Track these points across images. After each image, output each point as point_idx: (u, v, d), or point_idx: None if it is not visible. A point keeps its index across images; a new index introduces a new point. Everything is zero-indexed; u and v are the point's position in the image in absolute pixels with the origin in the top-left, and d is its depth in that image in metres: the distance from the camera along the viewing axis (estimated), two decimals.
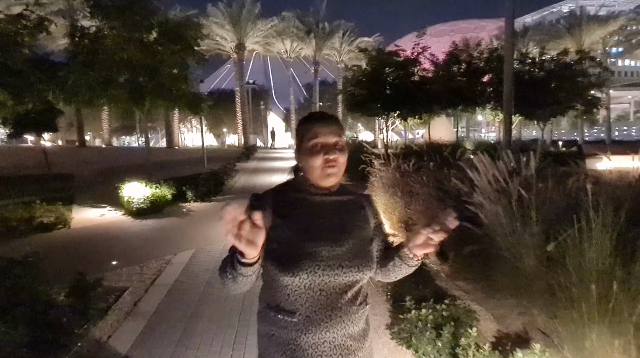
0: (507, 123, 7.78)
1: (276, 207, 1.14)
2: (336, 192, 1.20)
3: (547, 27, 37.50)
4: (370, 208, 1.25)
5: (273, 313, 1.09)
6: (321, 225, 1.12)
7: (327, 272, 1.05)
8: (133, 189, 8.19)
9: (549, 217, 3.10)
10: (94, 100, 8.93)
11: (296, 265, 1.04)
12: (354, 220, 1.18)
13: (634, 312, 2.16)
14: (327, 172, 1.12)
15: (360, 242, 1.14)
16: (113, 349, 3.01)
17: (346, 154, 1.16)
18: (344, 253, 1.09)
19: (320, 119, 1.18)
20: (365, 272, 1.11)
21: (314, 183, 1.17)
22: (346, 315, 1.07)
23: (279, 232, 1.10)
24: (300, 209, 1.15)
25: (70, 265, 4.50)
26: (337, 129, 1.15)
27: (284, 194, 1.19)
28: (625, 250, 2.30)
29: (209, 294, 3.98)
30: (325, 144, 1.12)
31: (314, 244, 1.07)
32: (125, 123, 48.34)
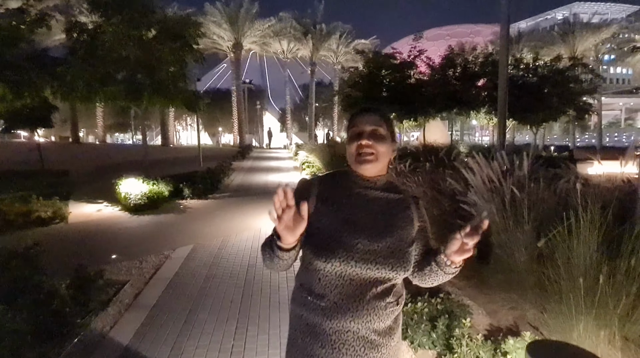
0: (501, 126, 7.95)
1: (321, 194, 1.16)
2: (383, 187, 1.20)
3: (541, 34, 38.03)
4: (417, 210, 1.22)
5: (305, 294, 1.12)
6: (363, 218, 1.13)
7: (360, 264, 1.06)
8: (130, 185, 8.22)
9: (540, 215, 3.23)
10: (92, 96, 8.94)
11: (331, 253, 1.06)
12: (396, 219, 1.16)
13: (618, 305, 2.29)
14: (361, 158, 1.13)
15: (400, 242, 1.13)
16: (115, 339, 3.07)
17: (387, 144, 1.16)
18: (381, 249, 1.09)
19: (362, 111, 1.20)
20: (398, 272, 1.10)
21: (359, 174, 1.17)
22: (373, 310, 1.08)
23: (320, 218, 1.12)
24: (344, 199, 1.16)
25: (69, 258, 4.55)
26: (376, 119, 1.17)
27: (331, 182, 1.21)
28: (611, 246, 2.43)
29: (209, 288, 4.05)
30: (361, 131, 1.14)
31: (352, 236, 1.08)
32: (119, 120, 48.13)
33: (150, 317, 3.42)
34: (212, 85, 56.54)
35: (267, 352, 2.85)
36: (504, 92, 7.80)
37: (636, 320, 2.29)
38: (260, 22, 33.41)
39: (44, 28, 7.77)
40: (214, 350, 2.87)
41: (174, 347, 2.93)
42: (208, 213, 8.03)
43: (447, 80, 17.38)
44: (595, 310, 2.35)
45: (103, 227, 6.72)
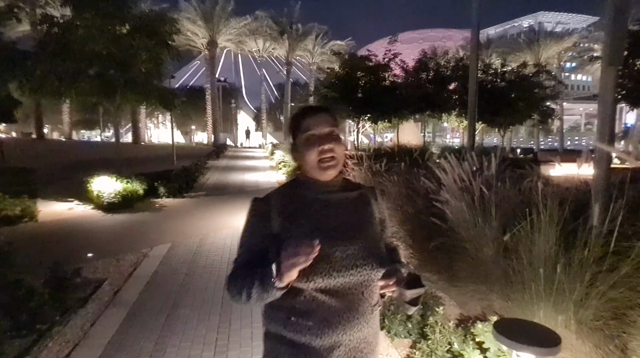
0: (471, 128, 8.30)
1: (283, 210, 1.08)
2: (341, 188, 1.16)
3: (509, 41, 39.60)
4: (376, 202, 1.20)
5: (285, 315, 1.04)
6: (332, 224, 1.08)
7: (342, 273, 1.02)
8: (103, 184, 8.05)
9: (506, 212, 3.48)
10: (62, 91, 8.67)
11: (310, 270, 0.98)
12: (363, 217, 1.14)
13: (573, 292, 2.53)
14: (325, 165, 1.07)
15: (372, 239, 1.11)
16: (97, 335, 3.08)
17: (343, 144, 1.12)
18: (357, 251, 1.05)
19: (311, 110, 1.13)
20: (379, 270, 1.06)
21: (315, 180, 1.11)
22: (362, 317, 1.04)
23: (289, 236, 1.03)
24: (308, 210, 1.09)
25: (42, 257, 4.45)
26: (329, 119, 1.11)
27: (289, 196, 1.13)
28: (567, 239, 2.68)
29: (189, 284, 4.09)
30: (319, 135, 1.08)
31: (327, 246, 1.00)
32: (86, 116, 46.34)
33: (132, 313, 3.44)
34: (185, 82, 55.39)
35: (251, 344, 2.94)
36: (474, 96, 8.16)
37: (589, 305, 2.54)
38: (236, 20, 33.13)
39: (13, 20, 7.48)
40: (198, 344, 2.94)
41: (157, 342, 2.97)
42: (185, 212, 7.98)
43: (421, 83, 17.91)
44: (553, 297, 2.59)
45: (76, 226, 6.57)
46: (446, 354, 2.55)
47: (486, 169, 3.87)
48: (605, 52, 3.18)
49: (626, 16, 3.10)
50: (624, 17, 3.05)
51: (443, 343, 2.65)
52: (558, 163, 5.08)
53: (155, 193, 9.15)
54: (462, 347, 2.47)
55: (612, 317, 2.43)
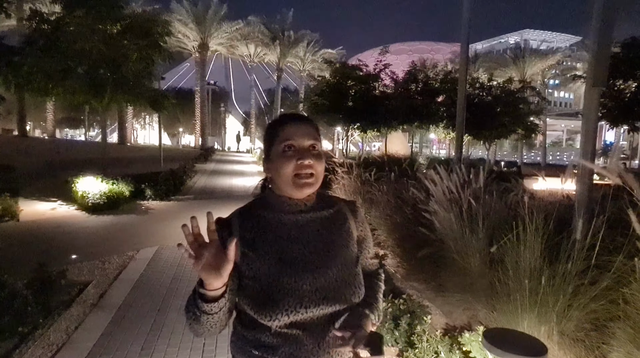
0: (459, 140, 8.48)
1: (244, 234, 0.95)
2: (314, 207, 1.01)
3: (496, 56, 40.62)
4: (355, 219, 1.07)
5: (250, 347, 0.93)
6: (299, 251, 0.94)
7: (310, 308, 0.90)
8: (88, 184, 7.93)
9: (493, 224, 3.57)
10: (50, 88, 8.53)
11: (274, 307, 0.88)
12: (338, 239, 1.01)
13: (556, 303, 2.61)
14: (301, 182, 0.94)
15: (346, 266, 0.98)
16: (82, 339, 3.03)
17: (323, 162, 0.99)
18: (329, 283, 0.93)
19: (293, 119, 1.00)
20: (353, 301, 0.95)
21: (286, 198, 0.98)
22: (332, 348, 0.93)
23: (250, 265, 0.93)
24: (272, 234, 0.96)
25: (23, 258, 4.38)
26: (312, 131, 0.98)
27: (252, 217, 0.99)
28: (551, 252, 2.77)
29: (177, 288, 4.05)
30: (299, 148, 0.95)
31: (293, 278, 0.90)
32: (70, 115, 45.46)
33: (118, 317, 3.39)
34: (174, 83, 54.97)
35: None
36: (462, 109, 8.35)
37: (571, 317, 2.62)
38: (228, 24, 33.16)
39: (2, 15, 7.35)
40: (186, 349, 2.92)
41: (144, 346, 2.94)
42: (172, 215, 7.89)
43: (410, 94, 18.17)
44: (537, 308, 2.67)
45: (59, 227, 6.44)
46: None
47: (474, 181, 3.97)
48: (589, 74, 3.32)
49: (610, 40, 3.25)
50: (607, 40, 3.20)
51: (430, 352, 2.69)
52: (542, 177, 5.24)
53: (142, 196, 9.04)
54: (448, 356, 2.52)
55: (593, 328, 2.51)
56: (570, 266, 2.60)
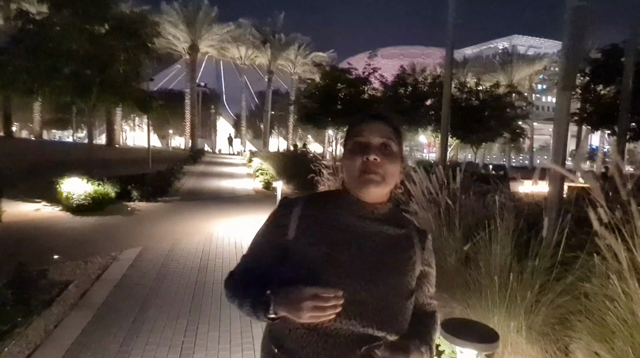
0: (443, 143, 8.63)
1: (303, 219, 0.94)
2: (384, 217, 0.96)
3: (484, 61, 41.21)
4: (421, 250, 1.00)
5: (272, 346, 0.92)
6: (351, 256, 0.89)
7: (340, 318, 0.84)
8: (73, 185, 7.86)
9: (469, 223, 3.67)
10: (35, 88, 8.47)
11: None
12: (395, 261, 0.93)
13: (524, 298, 2.71)
14: (365, 178, 0.90)
15: (396, 293, 0.91)
16: (60, 337, 3.04)
17: (398, 163, 0.95)
18: (370, 301, 0.87)
19: (368, 117, 0.97)
20: (389, 332, 0.88)
21: (355, 198, 0.95)
22: None
23: (299, 251, 0.91)
24: (331, 229, 0.92)
25: (5, 258, 4.35)
26: (388, 130, 0.95)
27: (318, 206, 0.97)
28: (521, 249, 2.87)
29: (159, 288, 4.07)
30: (368, 144, 0.92)
31: (336, 279, 0.86)
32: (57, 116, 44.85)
33: (98, 315, 3.41)
34: (164, 85, 54.64)
35: (217, 347, 2.97)
36: (447, 112, 8.50)
37: (538, 312, 2.72)
38: (218, 27, 33.16)
39: None
40: (164, 347, 2.95)
41: (122, 343, 2.96)
42: (157, 216, 7.88)
43: (398, 98, 18.37)
44: (506, 304, 2.76)
45: (43, 227, 6.39)
46: None
47: (452, 182, 4.07)
48: (560, 78, 3.45)
49: (580, 46, 3.38)
50: (578, 46, 3.33)
51: None
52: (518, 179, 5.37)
53: (128, 197, 8.99)
54: None
55: (558, 322, 2.61)
56: (538, 262, 2.70)
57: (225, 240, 6.13)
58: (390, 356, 0.81)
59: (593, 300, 2.16)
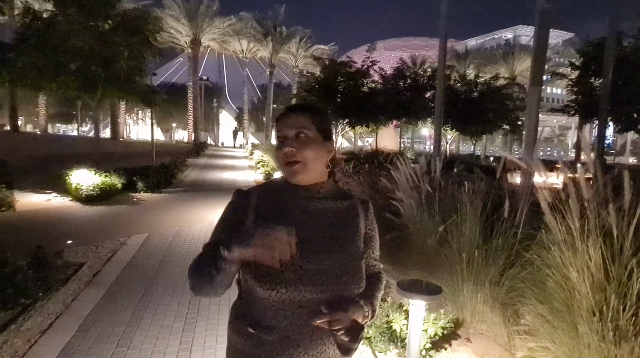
0: (437, 134, 8.91)
1: (259, 208, 1.03)
2: (327, 195, 1.07)
3: (486, 53, 41.07)
4: (365, 217, 1.11)
5: (246, 326, 0.98)
6: (308, 233, 0.99)
7: (309, 287, 0.93)
8: (81, 176, 8.24)
9: (447, 208, 3.99)
10: (43, 84, 8.82)
11: (276, 278, 0.93)
12: (345, 230, 1.05)
13: (488, 273, 3.04)
14: (288, 169, 1.01)
15: (351, 257, 1.02)
16: (78, 309, 3.41)
17: (317, 147, 1.02)
18: (332, 268, 0.97)
19: (285, 111, 1.06)
20: (352, 291, 0.99)
21: (294, 184, 1.05)
22: (327, 337, 0.96)
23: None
24: (285, 214, 1.02)
25: (21, 243, 4.72)
26: (301, 119, 1.02)
27: (271, 194, 1.06)
28: (487, 229, 3.19)
29: (164, 269, 4.44)
30: (284, 137, 1.02)
31: (298, 255, 0.93)
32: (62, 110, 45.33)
33: (110, 292, 3.78)
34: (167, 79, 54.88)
35: (217, 318, 3.33)
36: (440, 103, 8.77)
37: (502, 285, 3.05)
38: (220, 20, 33.26)
39: None
40: (170, 317, 3.32)
41: (133, 314, 3.33)
42: (162, 205, 8.25)
43: (398, 91, 18.58)
44: (473, 278, 3.10)
45: (54, 216, 6.78)
46: (383, 323, 3.00)
47: (432, 171, 4.38)
48: (530, 74, 3.74)
49: (546, 44, 3.67)
50: (544, 45, 3.62)
51: (382, 316, 3.12)
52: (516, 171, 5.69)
53: (134, 188, 9.37)
54: (394, 316, 2.94)
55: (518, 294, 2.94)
56: (500, 241, 3.03)
57: None
58: (329, 313, 0.90)
59: (538, 269, 2.49)
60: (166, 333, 3.04)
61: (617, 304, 1.98)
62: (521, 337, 2.56)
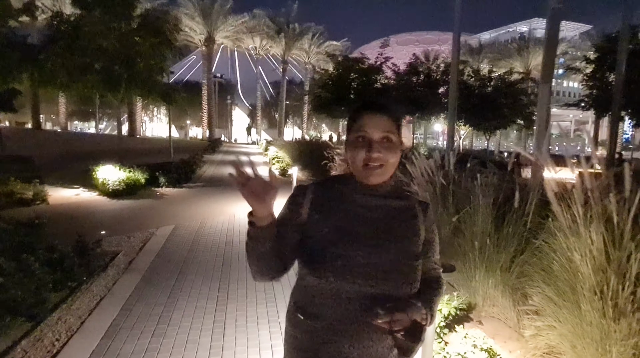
0: (450, 129, 9.06)
1: (315, 200, 1.05)
2: (387, 193, 1.07)
3: (500, 47, 40.57)
4: (424, 219, 1.10)
5: (299, 313, 1.02)
6: (362, 227, 1.01)
7: (358, 279, 0.95)
8: (107, 172, 8.65)
9: (461, 200, 4.19)
10: (71, 84, 9.24)
11: (325, 266, 0.96)
12: (401, 229, 1.04)
13: (500, 259, 3.25)
14: (369, 172, 1.00)
15: (404, 255, 1.01)
16: (119, 291, 3.73)
17: (398, 152, 1.04)
18: (382, 262, 0.97)
19: (371, 108, 1.04)
20: (403, 289, 0.98)
21: (359, 181, 1.05)
22: (374, 332, 0.95)
23: (314, 227, 1.02)
24: (341, 206, 1.04)
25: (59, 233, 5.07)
26: (388, 123, 1.02)
27: (328, 188, 1.08)
28: (498, 219, 3.39)
29: (194, 257, 4.75)
30: (370, 140, 1.00)
31: (349, 246, 0.97)
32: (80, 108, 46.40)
33: (146, 277, 4.10)
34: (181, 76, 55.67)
35: (246, 301, 3.61)
36: (454, 98, 8.91)
37: (512, 271, 3.26)
38: (233, 18, 33.67)
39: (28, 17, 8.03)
40: (203, 299, 3.61)
41: (169, 296, 3.64)
42: (184, 199, 8.61)
43: (411, 87, 18.63)
44: (485, 264, 3.31)
45: (85, 209, 7.19)
46: None
47: (446, 165, 4.58)
48: (541, 72, 3.90)
49: (556, 42, 3.83)
50: (554, 43, 3.78)
51: None
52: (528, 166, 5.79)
53: (156, 183, 9.76)
54: None
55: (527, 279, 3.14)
56: (510, 229, 3.23)
57: (247, 220, 6.79)
58: (390, 314, 0.89)
59: (545, 254, 2.69)
60: (201, 313, 3.33)
61: (617, 284, 2.18)
62: (529, 317, 2.76)
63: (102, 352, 2.70)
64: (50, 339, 2.86)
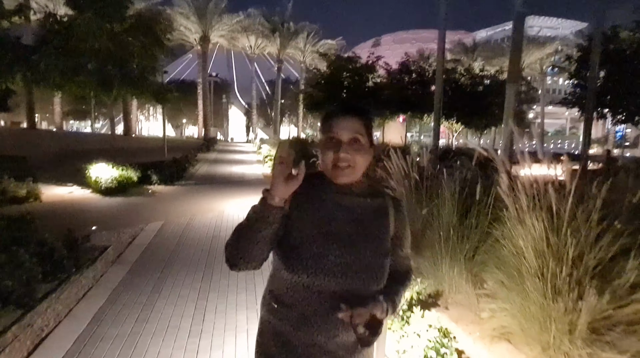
0: (435, 127, 9.28)
1: (295, 197, 1.05)
2: (360, 192, 1.10)
3: (494, 45, 40.86)
4: (396, 216, 1.13)
5: (273, 301, 1.07)
6: (336, 226, 1.05)
7: (329, 277, 0.99)
8: (100, 170, 8.83)
9: (434, 193, 4.40)
10: (63, 84, 9.39)
11: (298, 264, 1.00)
12: (373, 227, 1.08)
13: (463, 249, 3.46)
14: (337, 172, 1.04)
15: (374, 254, 1.05)
16: (106, 282, 3.92)
17: (367, 153, 1.06)
18: (353, 262, 1.02)
19: (340, 112, 1.07)
20: (370, 286, 1.03)
21: (332, 180, 1.08)
22: (342, 324, 1.00)
23: (293, 223, 1.05)
24: (317, 205, 1.07)
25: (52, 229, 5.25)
26: (356, 125, 1.05)
27: (307, 186, 1.06)
28: (463, 212, 3.60)
29: (180, 251, 4.95)
30: (339, 141, 1.04)
31: (323, 246, 1.01)
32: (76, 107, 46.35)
33: (133, 269, 4.29)
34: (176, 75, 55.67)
35: (227, 290, 3.82)
36: (439, 94, 9.13)
37: (475, 261, 3.47)
38: (228, 17, 33.76)
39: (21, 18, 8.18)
40: (186, 289, 3.81)
41: (154, 286, 3.84)
42: (175, 197, 8.80)
43: (403, 85, 18.85)
44: (450, 254, 3.52)
45: (78, 206, 7.36)
46: None
47: (421, 161, 4.79)
48: (507, 73, 4.11)
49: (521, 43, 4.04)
50: (519, 44, 3.99)
51: None
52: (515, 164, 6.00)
53: (148, 181, 9.94)
54: None
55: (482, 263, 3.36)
56: (473, 221, 3.45)
57: (235, 216, 6.99)
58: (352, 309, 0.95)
59: (497, 241, 2.91)
60: (183, 301, 3.53)
61: (555, 267, 2.40)
62: (484, 300, 2.98)
63: (88, 336, 2.90)
64: (39, 325, 3.06)
